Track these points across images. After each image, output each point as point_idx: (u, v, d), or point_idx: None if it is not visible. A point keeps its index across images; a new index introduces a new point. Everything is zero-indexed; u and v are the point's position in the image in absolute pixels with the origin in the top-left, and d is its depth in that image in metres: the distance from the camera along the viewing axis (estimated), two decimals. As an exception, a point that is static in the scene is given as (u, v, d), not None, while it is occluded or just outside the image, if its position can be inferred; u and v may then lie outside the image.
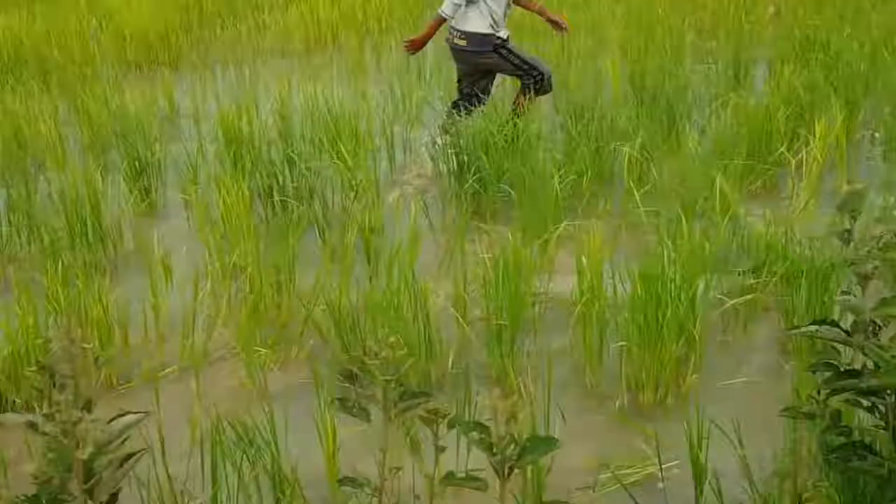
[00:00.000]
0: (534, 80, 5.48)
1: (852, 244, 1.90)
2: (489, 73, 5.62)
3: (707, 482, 2.53)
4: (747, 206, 4.48)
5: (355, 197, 4.64)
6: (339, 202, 4.75)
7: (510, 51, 5.44)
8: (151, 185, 5.19)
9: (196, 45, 8.65)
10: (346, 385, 3.28)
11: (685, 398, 3.17)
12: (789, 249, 3.67)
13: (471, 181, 4.73)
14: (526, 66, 5.48)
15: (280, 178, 4.80)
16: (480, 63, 5.46)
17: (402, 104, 6.11)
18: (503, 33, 5.40)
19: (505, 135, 4.87)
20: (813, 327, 2.05)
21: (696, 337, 3.27)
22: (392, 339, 1.78)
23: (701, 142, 5.04)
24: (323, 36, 8.22)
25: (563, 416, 3.11)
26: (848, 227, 1.92)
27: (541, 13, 5.70)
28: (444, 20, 5.37)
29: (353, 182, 4.74)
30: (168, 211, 5.15)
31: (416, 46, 5.60)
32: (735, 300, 3.56)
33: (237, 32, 8.77)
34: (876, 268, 1.91)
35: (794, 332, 1.22)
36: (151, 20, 8.51)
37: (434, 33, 5.51)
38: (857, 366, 1.97)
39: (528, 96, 5.50)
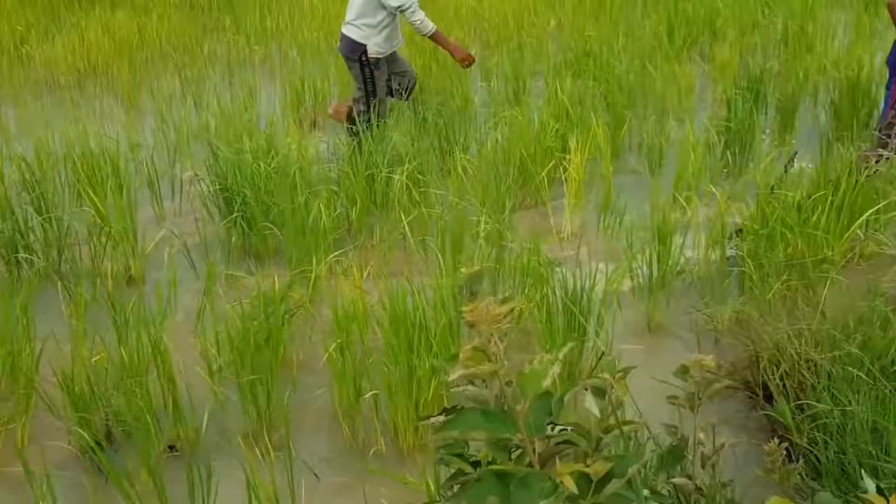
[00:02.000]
0: (366, 107, 5.49)
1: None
2: (392, 71, 5.65)
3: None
4: (516, 228, 4.52)
5: (106, 246, 4.32)
6: (91, 253, 4.40)
7: (370, 69, 5.44)
8: None
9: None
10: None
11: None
12: (545, 273, 3.69)
13: (236, 219, 4.53)
14: (370, 94, 5.49)
15: (23, 231, 4.40)
16: (350, 68, 5.54)
17: (172, 138, 5.80)
18: (375, 49, 5.37)
19: (272, 168, 4.69)
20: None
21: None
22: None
23: (474, 163, 5.04)
24: (93, 66, 7.73)
25: (315, 475, 3.01)
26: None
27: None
28: (436, 31, 5.46)
29: (108, 229, 4.42)
30: None
31: (469, 58, 5.64)
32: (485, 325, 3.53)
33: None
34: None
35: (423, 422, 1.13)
36: None
37: (452, 44, 5.63)
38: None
39: (352, 117, 5.55)
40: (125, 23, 8.64)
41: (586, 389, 1.45)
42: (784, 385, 3.16)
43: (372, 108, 5.47)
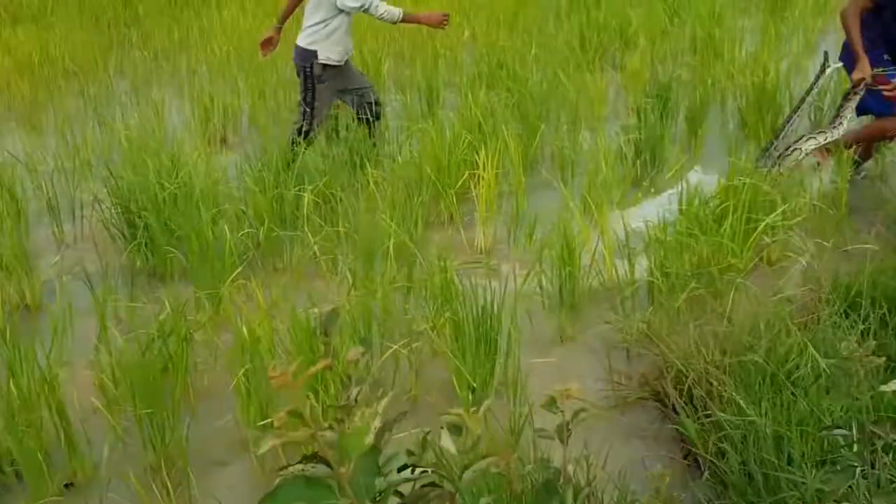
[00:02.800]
0: (304, 126, 5.28)
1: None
2: (344, 88, 5.42)
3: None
4: (429, 244, 4.48)
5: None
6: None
7: (314, 84, 5.22)
8: None
9: None
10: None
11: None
12: (455, 289, 3.66)
13: (139, 243, 4.39)
14: (308, 108, 5.25)
15: None
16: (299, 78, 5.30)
17: (74, 159, 5.59)
18: (324, 57, 5.14)
19: (176, 188, 4.56)
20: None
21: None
22: None
23: (387, 177, 4.99)
24: (-10, 85, 7.44)
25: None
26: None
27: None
28: (401, 16, 5.21)
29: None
30: None
31: (444, 20, 5.36)
32: (398, 346, 3.50)
33: None
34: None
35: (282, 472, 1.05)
36: None
37: (422, 19, 5.42)
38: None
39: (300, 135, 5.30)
40: (26, 40, 8.35)
41: (442, 427, 1.40)
42: (692, 395, 3.18)
43: (305, 122, 5.28)
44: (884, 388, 1.66)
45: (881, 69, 4.84)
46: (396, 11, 5.21)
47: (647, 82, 6.47)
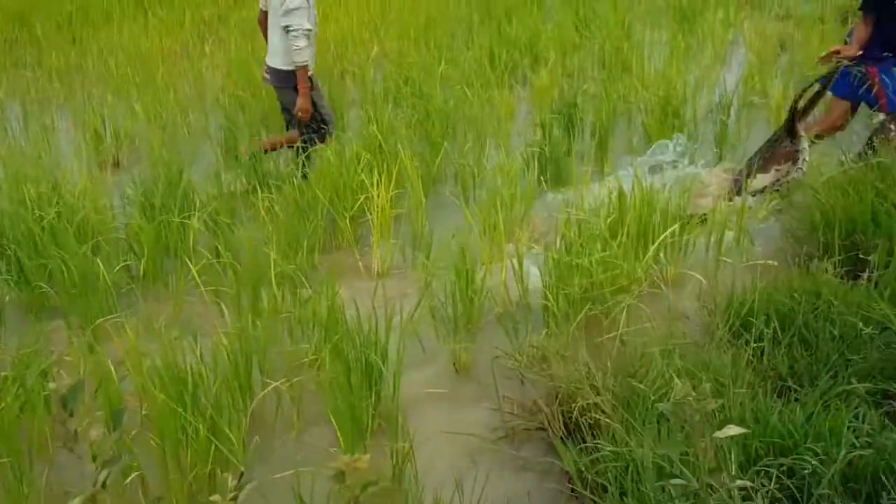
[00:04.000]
0: (318, 133, 5.45)
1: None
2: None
3: None
4: (322, 270, 4.35)
5: None
6: None
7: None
8: None
9: None
10: None
11: None
12: (341, 319, 3.53)
13: (9, 278, 4.16)
14: (317, 116, 5.43)
15: None
16: (284, 100, 5.48)
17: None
18: (312, 65, 5.34)
19: (55, 217, 4.34)
20: None
21: (236, 440, 3.02)
22: None
23: (281, 201, 4.84)
24: None
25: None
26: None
27: None
28: (307, 67, 5.28)
29: None
30: None
31: (308, 110, 5.34)
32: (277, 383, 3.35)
33: None
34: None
35: None
36: None
37: (309, 85, 5.32)
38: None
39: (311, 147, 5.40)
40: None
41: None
42: (580, 423, 3.11)
43: (329, 133, 5.48)
44: (718, 434, 1.59)
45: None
46: (306, 57, 5.21)
47: (555, 98, 6.43)
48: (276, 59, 5.38)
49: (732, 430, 1.63)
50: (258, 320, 3.60)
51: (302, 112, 5.31)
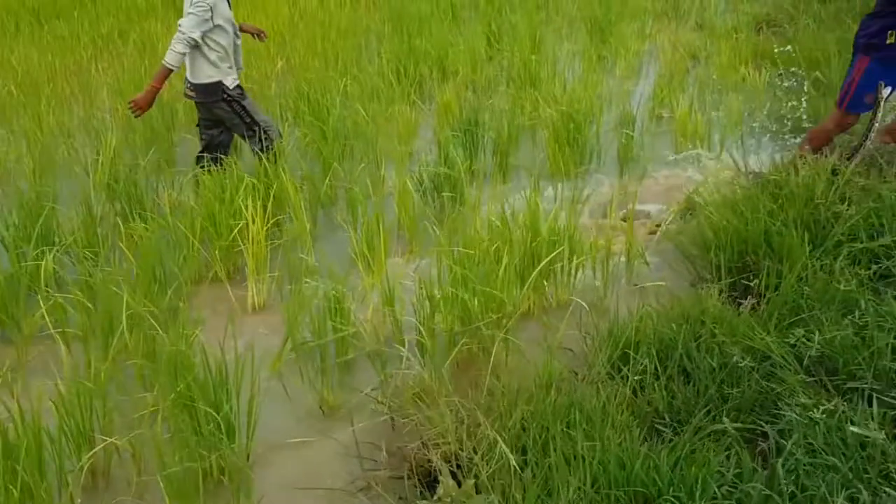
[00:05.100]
0: (260, 140, 5.24)
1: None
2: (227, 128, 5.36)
3: None
4: (193, 306, 4.12)
5: None
6: None
7: (239, 103, 5.20)
8: None
9: None
10: None
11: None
12: (195, 364, 3.29)
13: None
14: (248, 121, 5.25)
15: None
16: (214, 113, 5.24)
17: None
18: (230, 80, 5.15)
19: None
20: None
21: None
22: None
23: (152, 231, 4.57)
24: None
25: None
26: None
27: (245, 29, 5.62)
28: (171, 71, 4.92)
29: None
30: None
31: (142, 107, 4.96)
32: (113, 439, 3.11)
33: None
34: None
35: None
36: None
37: (161, 87, 4.97)
38: None
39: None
40: None
41: None
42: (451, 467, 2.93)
43: (260, 136, 5.24)
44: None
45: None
46: (176, 59, 4.93)
47: (459, 114, 6.26)
48: (197, 74, 5.12)
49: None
50: (103, 366, 3.34)
51: (136, 104, 4.97)
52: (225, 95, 5.17)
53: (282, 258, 4.53)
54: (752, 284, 3.81)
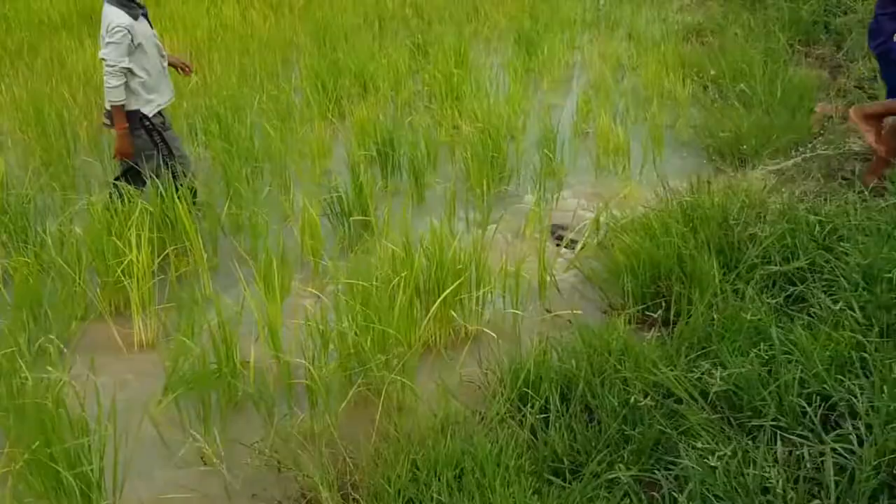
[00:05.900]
0: (173, 176, 4.88)
1: None
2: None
3: None
4: (73, 347, 3.86)
5: None
6: None
7: (160, 133, 4.91)
8: None
9: None
10: None
11: None
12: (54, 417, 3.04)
13: None
14: (166, 153, 4.93)
15: None
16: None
17: None
18: (150, 108, 4.85)
19: None
20: None
21: None
22: None
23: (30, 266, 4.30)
24: None
25: None
26: None
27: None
28: (122, 106, 4.73)
29: None
30: None
31: (126, 153, 4.82)
32: None
33: None
34: None
35: None
36: None
37: (126, 124, 4.76)
38: None
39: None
40: None
41: None
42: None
43: (174, 172, 4.91)
44: None
45: None
46: (118, 97, 4.69)
47: (376, 132, 6.04)
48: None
49: None
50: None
51: (121, 154, 4.80)
52: (147, 123, 4.86)
53: (170, 293, 4.27)
54: (655, 316, 3.67)
